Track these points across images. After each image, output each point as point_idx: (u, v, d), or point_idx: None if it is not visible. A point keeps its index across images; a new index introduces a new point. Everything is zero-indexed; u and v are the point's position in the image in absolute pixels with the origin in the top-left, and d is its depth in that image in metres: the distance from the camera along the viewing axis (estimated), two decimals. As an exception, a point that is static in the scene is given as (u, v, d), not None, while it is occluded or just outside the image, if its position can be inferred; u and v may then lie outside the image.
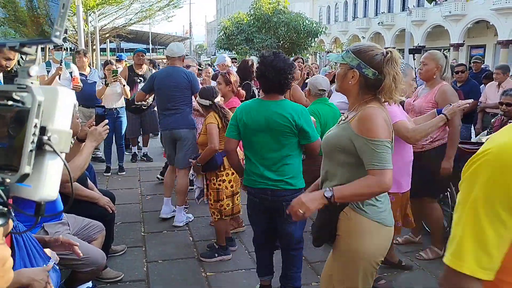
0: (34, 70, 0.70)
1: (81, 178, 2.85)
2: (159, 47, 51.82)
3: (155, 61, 11.33)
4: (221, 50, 27.89)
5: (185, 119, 4.43)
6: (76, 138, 2.86)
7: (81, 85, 5.73)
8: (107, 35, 23.32)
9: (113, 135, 6.03)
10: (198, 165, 3.52)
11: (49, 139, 0.67)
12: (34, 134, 0.66)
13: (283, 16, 26.06)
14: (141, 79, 6.46)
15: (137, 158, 7.04)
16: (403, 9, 35.43)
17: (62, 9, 0.68)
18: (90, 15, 17.85)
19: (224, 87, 4.04)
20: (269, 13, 26.22)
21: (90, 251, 2.59)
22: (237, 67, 6.25)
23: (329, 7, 47.72)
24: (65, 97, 0.70)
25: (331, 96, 4.60)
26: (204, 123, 3.64)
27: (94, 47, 18.65)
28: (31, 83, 0.69)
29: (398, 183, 3.00)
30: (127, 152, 6.91)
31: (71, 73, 5.77)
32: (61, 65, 5.59)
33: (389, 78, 1.81)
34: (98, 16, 19.94)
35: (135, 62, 6.66)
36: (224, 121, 3.49)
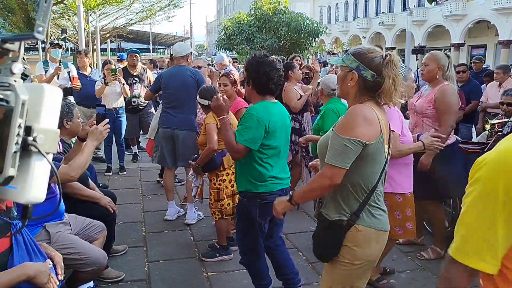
0: (18, 67, 0.67)
1: (82, 178, 2.85)
2: (160, 47, 51.87)
3: (155, 61, 11.30)
4: (221, 50, 27.87)
5: (188, 121, 4.42)
6: (77, 137, 2.86)
7: (80, 85, 5.73)
8: (108, 35, 23.36)
9: (113, 135, 6.03)
10: (198, 166, 3.52)
11: (34, 140, 0.64)
12: (18, 135, 0.62)
13: (284, 16, 26.04)
14: (136, 79, 6.43)
15: (138, 158, 7.04)
16: (404, 9, 35.43)
17: (45, 3, 0.65)
18: (90, 15, 17.87)
19: (230, 88, 3.96)
20: (270, 13, 26.21)
21: (91, 251, 2.59)
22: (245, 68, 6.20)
23: (330, 7, 47.73)
24: (52, 95, 0.67)
25: None
26: (204, 123, 3.64)
27: (94, 47, 18.68)
28: (15, 81, 0.66)
29: (399, 184, 2.99)
30: (127, 152, 6.91)
31: (69, 72, 5.76)
32: (60, 65, 5.59)
33: (388, 80, 1.82)
34: (99, 16, 19.97)
35: (129, 63, 6.65)
36: None
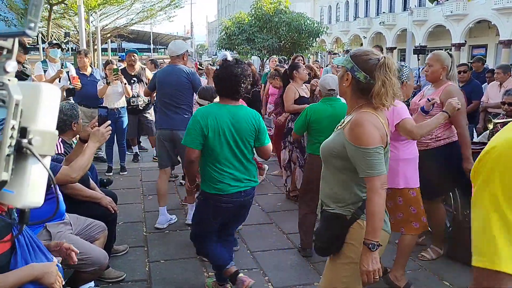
0: (11, 66, 0.64)
1: (83, 178, 2.85)
2: (161, 47, 51.86)
3: (156, 60, 11.28)
4: (222, 50, 27.88)
5: (185, 121, 4.40)
6: (79, 138, 2.86)
7: (80, 84, 5.73)
8: (109, 35, 23.38)
9: (114, 135, 6.02)
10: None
11: (29, 142, 0.61)
12: (12, 137, 0.59)
13: (284, 16, 26.02)
14: (134, 79, 6.44)
15: (138, 158, 7.04)
16: (405, 9, 35.41)
17: None
18: (91, 15, 17.88)
19: None
20: (270, 13, 26.20)
21: (92, 251, 2.59)
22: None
23: (330, 7, 47.72)
24: (49, 94, 0.63)
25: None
26: None
27: (95, 47, 18.67)
28: (8, 80, 0.62)
29: (411, 179, 3.04)
30: (128, 152, 6.91)
31: (67, 72, 5.76)
32: (62, 69, 5.57)
33: (378, 83, 1.84)
34: (100, 16, 19.97)
35: (127, 63, 6.65)
36: None
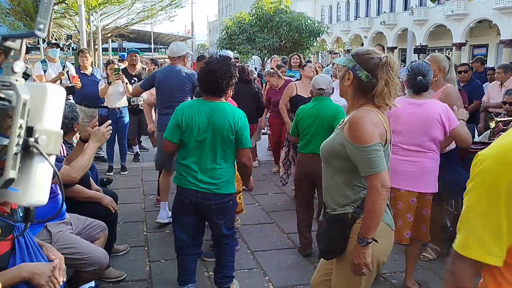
0: (19, 66, 0.65)
1: (83, 178, 2.85)
2: (161, 46, 51.89)
3: (157, 60, 11.28)
4: (223, 50, 27.92)
5: None
6: (79, 138, 2.86)
7: (80, 84, 5.72)
8: (109, 34, 23.37)
9: (115, 134, 6.02)
10: None
11: (36, 141, 0.62)
12: (19, 136, 0.60)
13: (285, 15, 26.04)
14: (135, 79, 6.44)
15: (139, 157, 7.05)
16: (405, 8, 35.37)
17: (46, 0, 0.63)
18: (92, 14, 17.89)
19: None
20: (271, 12, 26.22)
21: (92, 250, 2.59)
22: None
23: (331, 7, 47.70)
24: (55, 94, 0.65)
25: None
26: None
27: (96, 46, 18.67)
28: (16, 80, 0.64)
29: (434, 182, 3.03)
30: (129, 151, 6.91)
31: (67, 72, 5.75)
32: (63, 71, 5.56)
33: (381, 82, 1.85)
34: (100, 15, 19.97)
35: (128, 63, 6.64)
36: None
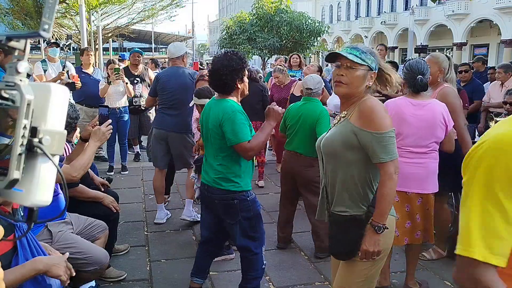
0: (23, 66, 0.64)
1: (84, 177, 2.85)
2: (162, 46, 51.89)
3: (157, 60, 11.32)
4: (223, 50, 27.94)
5: (184, 123, 4.41)
6: (80, 137, 2.86)
7: (80, 83, 5.72)
8: (110, 34, 23.33)
9: (115, 134, 6.03)
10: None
11: (40, 141, 0.62)
12: (24, 136, 0.60)
13: (286, 15, 26.03)
14: (137, 79, 6.45)
15: (139, 157, 7.05)
16: (406, 8, 35.34)
17: (50, 0, 0.63)
18: (93, 14, 17.88)
19: None
20: (272, 12, 26.21)
21: (93, 250, 2.59)
22: None
23: (332, 6, 47.68)
24: (58, 94, 0.65)
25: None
26: None
27: (96, 46, 18.67)
28: (20, 80, 0.63)
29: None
30: (129, 151, 6.91)
31: (67, 72, 5.75)
32: (63, 71, 5.57)
33: (387, 71, 1.99)
34: (101, 15, 19.96)
35: (131, 63, 6.65)
36: None
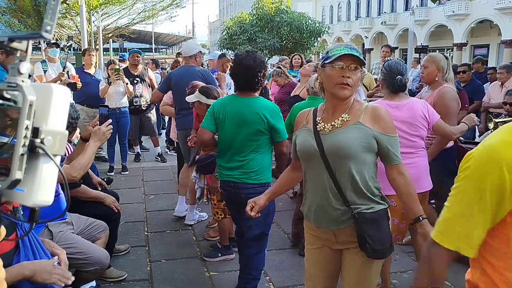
0: (25, 67, 0.65)
1: (85, 177, 2.86)
2: (162, 46, 51.95)
3: (158, 60, 11.30)
4: (223, 50, 27.92)
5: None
6: (80, 137, 2.87)
7: (80, 84, 5.73)
8: (110, 35, 23.34)
9: (116, 134, 6.04)
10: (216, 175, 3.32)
11: (42, 142, 0.62)
12: (26, 137, 0.60)
13: (286, 15, 26.04)
14: (137, 79, 6.45)
15: (140, 157, 7.06)
16: (406, 8, 35.33)
17: (53, 1, 0.63)
18: (93, 15, 17.89)
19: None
20: (272, 12, 26.22)
21: (93, 250, 2.60)
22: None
23: (332, 7, 47.69)
24: (60, 95, 0.65)
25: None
26: None
27: (97, 47, 18.68)
28: (22, 81, 0.63)
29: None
30: (130, 151, 6.92)
31: (67, 72, 5.76)
32: (63, 72, 5.57)
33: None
34: (101, 16, 19.97)
35: (130, 63, 6.65)
36: None
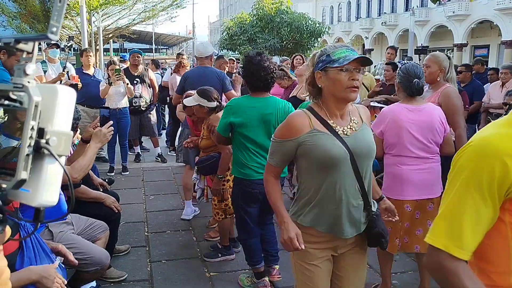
0: (31, 68, 0.65)
1: (86, 178, 2.86)
2: (162, 47, 51.97)
3: (158, 61, 11.29)
4: (224, 51, 27.92)
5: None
6: (81, 139, 2.88)
7: (80, 84, 5.74)
8: (111, 35, 23.33)
9: (116, 135, 6.04)
10: (220, 177, 3.41)
11: (47, 142, 0.62)
12: (31, 137, 0.61)
13: (286, 16, 26.03)
14: (137, 80, 6.45)
15: (140, 158, 7.07)
16: (407, 9, 35.32)
17: (59, 3, 0.64)
18: (93, 15, 17.90)
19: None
20: (272, 13, 26.22)
21: (94, 250, 2.60)
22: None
23: (332, 7, 47.69)
24: (65, 96, 0.65)
25: None
26: (206, 126, 3.60)
27: (97, 47, 18.68)
28: (28, 82, 0.64)
29: None
30: (130, 152, 6.93)
31: (67, 72, 5.77)
32: (63, 72, 5.58)
33: None
34: (102, 16, 19.97)
35: (130, 63, 6.66)
36: None
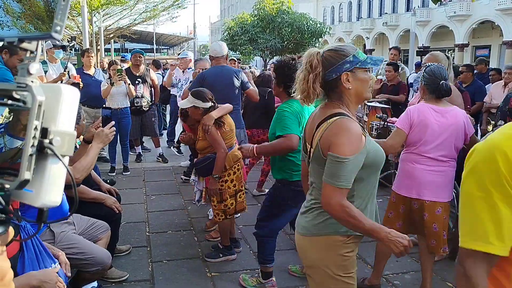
0: (35, 68, 0.65)
1: (87, 179, 2.86)
2: (163, 47, 51.99)
3: (159, 61, 11.26)
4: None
5: (238, 119, 4.40)
6: (83, 139, 2.87)
7: (82, 84, 5.74)
8: (112, 35, 23.39)
9: (117, 135, 6.03)
10: (215, 176, 3.39)
11: (51, 142, 0.62)
12: (35, 137, 0.61)
13: (287, 16, 26.08)
14: (139, 80, 6.46)
15: (141, 158, 7.07)
16: (408, 9, 35.34)
17: (63, 1, 0.64)
18: (94, 15, 17.93)
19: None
20: (273, 13, 26.26)
21: (95, 251, 2.60)
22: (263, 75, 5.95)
23: (333, 8, 47.69)
24: (69, 95, 0.65)
25: None
26: (200, 127, 3.51)
27: (98, 47, 18.70)
28: (31, 81, 0.64)
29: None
30: (131, 152, 6.92)
31: (68, 72, 5.77)
32: (65, 71, 5.57)
33: None
34: (103, 16, 20.01)
35: (132, 63, 6.66)
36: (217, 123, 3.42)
